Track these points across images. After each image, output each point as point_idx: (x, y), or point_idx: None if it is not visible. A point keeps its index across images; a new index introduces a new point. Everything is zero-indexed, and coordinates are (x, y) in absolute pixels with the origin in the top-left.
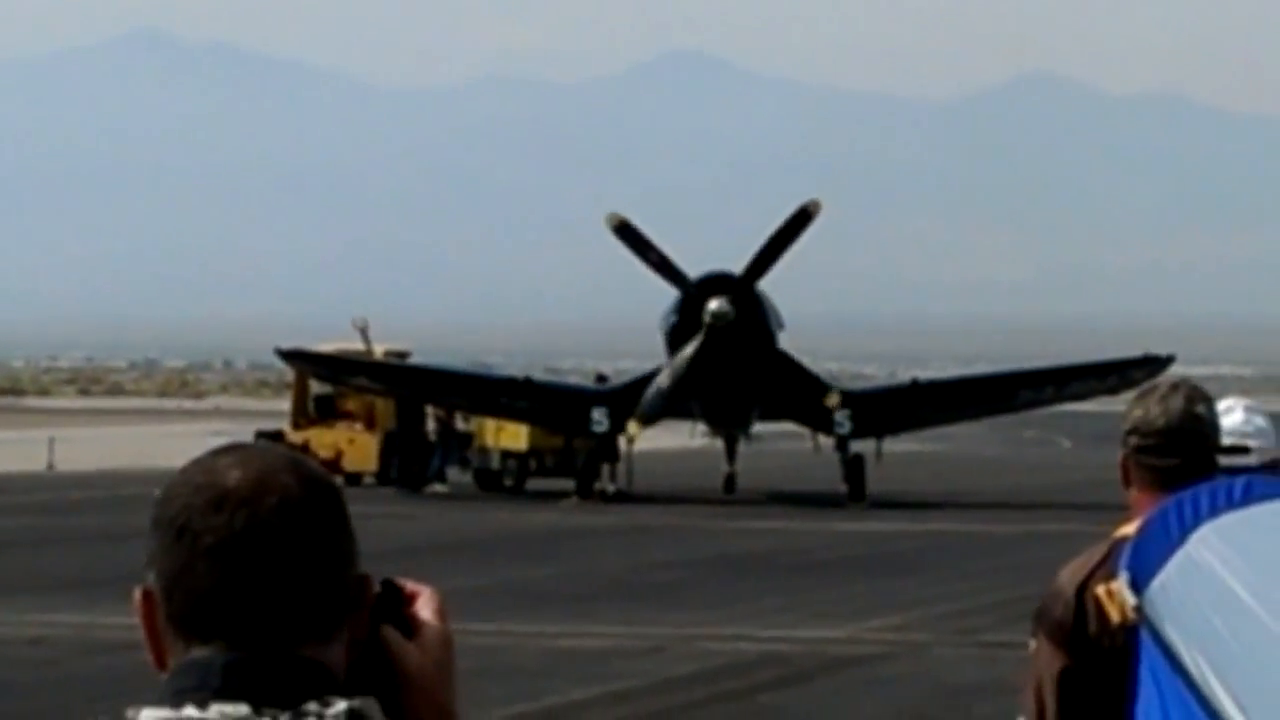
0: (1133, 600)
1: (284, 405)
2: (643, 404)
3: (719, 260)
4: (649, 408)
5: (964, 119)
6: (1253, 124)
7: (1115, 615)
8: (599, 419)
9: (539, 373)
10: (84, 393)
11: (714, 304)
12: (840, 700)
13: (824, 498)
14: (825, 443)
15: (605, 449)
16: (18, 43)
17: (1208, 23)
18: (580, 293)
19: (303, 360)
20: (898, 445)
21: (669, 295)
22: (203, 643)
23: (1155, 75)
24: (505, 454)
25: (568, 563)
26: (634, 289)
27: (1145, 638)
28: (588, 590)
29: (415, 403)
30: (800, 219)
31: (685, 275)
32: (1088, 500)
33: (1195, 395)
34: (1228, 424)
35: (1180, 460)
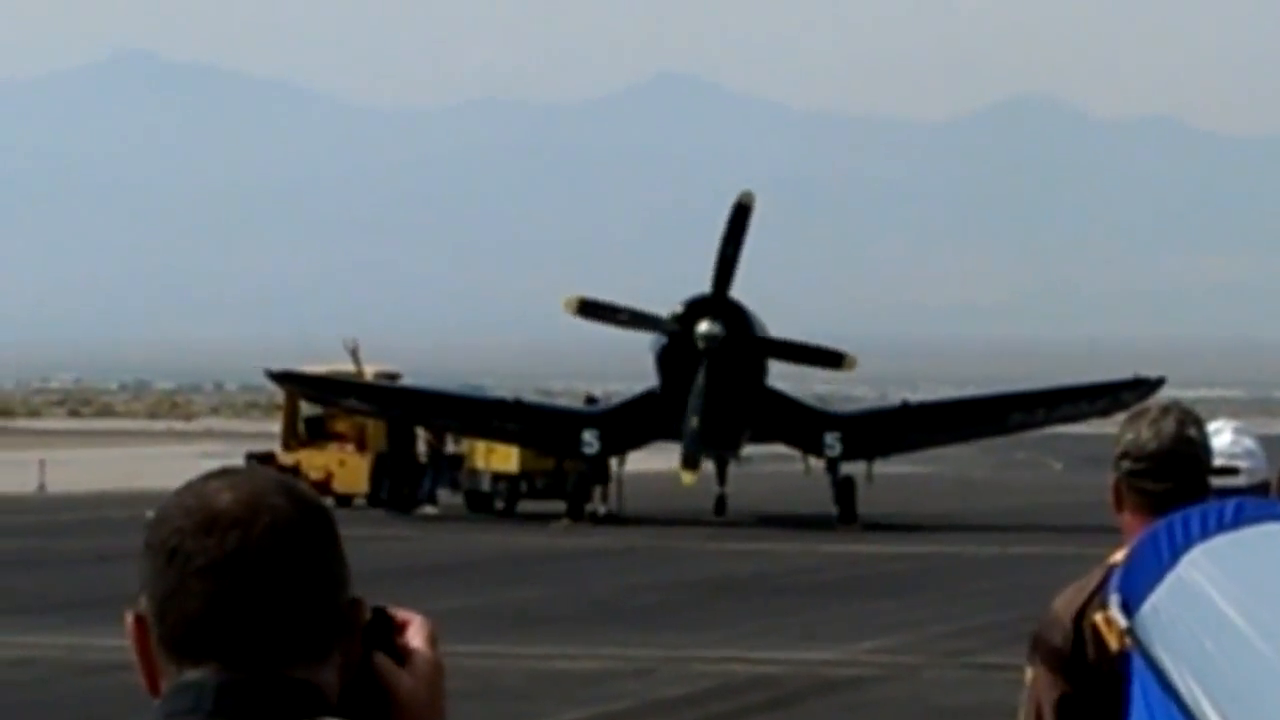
0: (1124, 622)
1: (275, 427)
2: (684, 451)
3: (709, 283)
4: (690, 448)
5: (954, 141)
6: (1243, 146)
7: (1114, 643)
8: (589, 441)
9: (530, 394)
10: (74, 414)
11: (703, 326)
12: None
13: (815, 520)
14: (816, 464)
15: (596, 471)
16: (4, 65)
17: (1197, 46)
18: (571, 315)
19: (293, 382)
20: (888, 467)
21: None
22: (195, 664)
23: (1145, 98)
24: (496, 476)
25: (558, 584)
26: None
27: (1136, 660)
28: (577, 612)
29: (406, 424)
30: (739, 215)
31: (659, 317)
32: (1079, 523)
33: (1187, 418)
34: (1217, 445)
35: (1173, 484)
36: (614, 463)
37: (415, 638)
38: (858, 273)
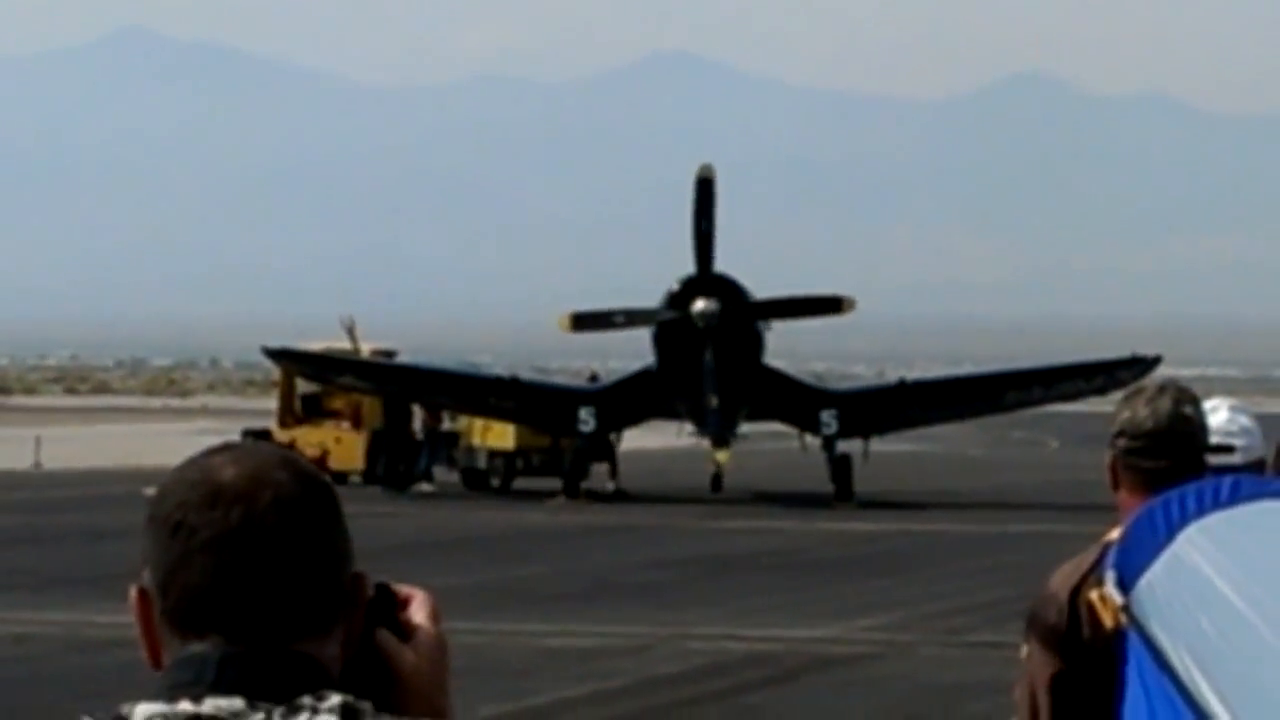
0: (1120, 600)
1: (271, 404)
2: (709, 431)
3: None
4: (714, 429)
5: (951, 119)
6: (1240, 125)
7: (1109, 620)
8: (585, 418)
9: (526, 372)
10: (70, 391)
11: (700, 304)
12: (827, 700)
13: (811, 497)
14: (812, 442)
15: (597, 448)
16: (3, 43)
17: (1195, 24)
18: (568, 292)
19: (290, 359)
20: (885, 445)
21: (657, 294)
22: (198, 638)
23: (1142, 76)
24: (492, 453)
25: (554, 562)
26: (622, 289)
27: (1132, 637)
28: (574, 589)
29: (402, 402)
30: (704, 189)
31: (652, 311)
32: (1075, 500)
33: (1183, 397)
34: (1213, 423)
35: (1169, 462)
36: (612, 439)
37: (418, 613)
38: (855, 251)
